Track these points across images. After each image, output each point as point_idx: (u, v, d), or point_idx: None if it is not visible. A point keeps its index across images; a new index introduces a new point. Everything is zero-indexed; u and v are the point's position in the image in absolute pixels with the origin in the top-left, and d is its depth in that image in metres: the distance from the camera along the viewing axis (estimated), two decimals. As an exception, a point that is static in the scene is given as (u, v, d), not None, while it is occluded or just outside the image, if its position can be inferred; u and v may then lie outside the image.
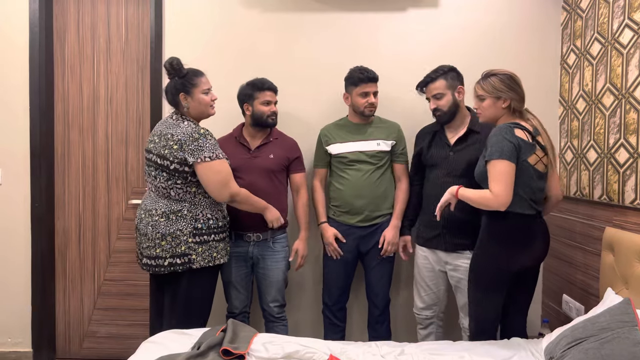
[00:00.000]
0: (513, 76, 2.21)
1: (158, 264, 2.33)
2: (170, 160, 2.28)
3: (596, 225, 2.47)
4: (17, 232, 3.17)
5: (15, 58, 3.11)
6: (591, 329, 1.77)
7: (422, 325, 2.77)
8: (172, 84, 2.39)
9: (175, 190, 2.32)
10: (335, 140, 2.81)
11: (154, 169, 2.35)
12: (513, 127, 2.12)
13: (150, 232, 2.33)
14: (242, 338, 2.07)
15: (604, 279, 2.24)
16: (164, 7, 3.10)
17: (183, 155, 2.26)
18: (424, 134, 2.75)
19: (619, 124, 2.39)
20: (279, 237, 2.72)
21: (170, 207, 2.33)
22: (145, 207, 2.39)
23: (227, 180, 2.35)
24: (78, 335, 3.30)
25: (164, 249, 2.31)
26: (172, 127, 2.33)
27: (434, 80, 2.56)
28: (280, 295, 2.74)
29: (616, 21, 2.44)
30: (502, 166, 2.07)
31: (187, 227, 2.32)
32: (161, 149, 2.30)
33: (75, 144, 3.25)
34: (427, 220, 2.63)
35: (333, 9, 3.08)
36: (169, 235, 2.30)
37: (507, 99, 2.19)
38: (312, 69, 3.08)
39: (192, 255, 2.32)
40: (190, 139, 2.27)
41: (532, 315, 3.03)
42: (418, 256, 2.73)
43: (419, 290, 2.73)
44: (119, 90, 3.24)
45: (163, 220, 2.32)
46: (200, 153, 2.26)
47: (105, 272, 3.28)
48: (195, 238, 2.33)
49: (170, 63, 2.34)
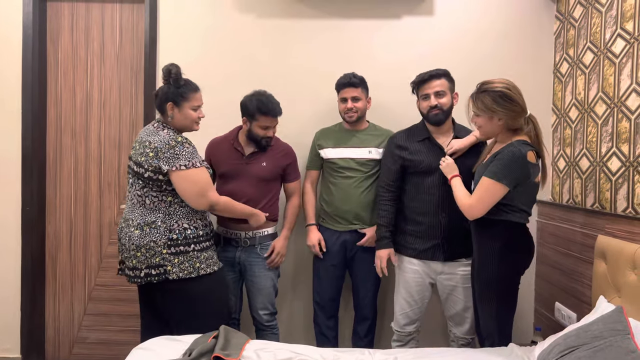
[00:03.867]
0: (506, 92, 2.10)
1: (135, 275, 2.30)
2: (145, 168, 2.23)
3: (588, 233, 2.48)
4: (7, 235, 3.13)
5: (8, 61, 3.10)
6: (584, 337, 1.77)
7: (402, 342, 2.66)
8: (165, 90, 2.32)
9: (150, 198, 2.27)
10: (327, 144, 2.82)
11: (131, 176, 2.32)
12: (526, 152, 2.07)
13: (127, 242, 2.29)
14: (234, 345, 2.06)
15: (597, 287, 2.25)
16: (159, 12, 3.10)
17: (158, 163, 2.20)
18: (408, 138, 2.61)
19: (611, 133, 2.40)
20: (266, 244, 2.69)
21: (144, 218, 2.27)
22: (125, 215, 2.36)
23: (204, 189, 2.28)
24: (68, 341, 3.27)
25: (139, 260, 2.27)
26: (152, 134, 2.28)
27: (439, 77, 2.50)
28: (270, 303, 2.72)
29: (609, 31, 2.46)
30: (494, 188, 2.09)
31: (161, 238, 2.25)
32: (138, 156, 2.26)
33: (68, 148, 3.23)
34: (421, 231, 2.54)
35: (328, 15, 3.08)
36: (143, 247, 2.26)
37: (501, 117, 2.13)
38: (307, 75, 3.08)
39: (167, 266, 2.26)
40: (167, 146, 2.21)
41: (525, 322, 3.04)
42: (406, 270, 2.60)
43: (403, 306, 2.62)
44: (112, 94, 3.22)
45: (137, 232, 2.27)
46: (175, 161, 2.21)
47: (96, 277, 3.25)
48: (170, 249, 2.26)
49: (169, 70, 2.29)
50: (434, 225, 2.51)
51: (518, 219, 2.18)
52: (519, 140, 2.13)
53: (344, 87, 2.74)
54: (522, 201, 2.17)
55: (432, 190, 2.51)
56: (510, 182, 2.07)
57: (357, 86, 2.71)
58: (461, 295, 2.53)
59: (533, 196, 2.23)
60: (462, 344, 2.60)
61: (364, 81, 2.75)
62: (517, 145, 2.10)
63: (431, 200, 2.51)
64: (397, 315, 2.65)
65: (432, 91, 2.50)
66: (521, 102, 2.14)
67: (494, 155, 2.16)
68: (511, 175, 2.07)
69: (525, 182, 2.12)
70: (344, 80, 2.73)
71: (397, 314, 2.66)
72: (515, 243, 2.20)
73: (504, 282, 2.21)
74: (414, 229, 2.57)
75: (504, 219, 2.16)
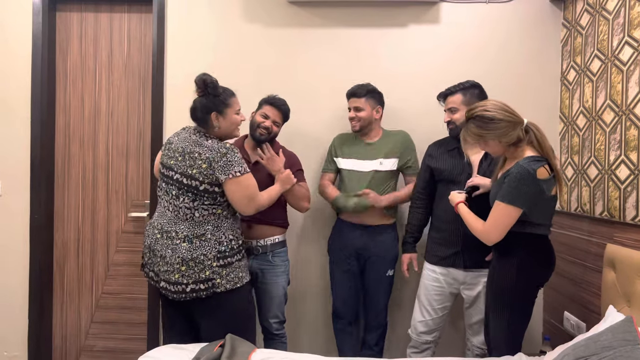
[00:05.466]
0: (485, 114, 2.06)
1: (178, 290, 2.21)
2: (200, 181, 2.20)
3: (597, 241, 2.46)
4: (16, 244, 3.15)
5: (18, 70, 3.13)
6: (593, 348, 1.75)
7: (418, 349, 2.65)
8: (204, 101, 2.28)
9: (200, 211, 2.22)
10: (340, 154, 2.84)
11: (175, 188, 2.24)
12: (536, 169, 2.01)
13: (170, 255, 2.21)
14: (240, 353, 2.05)
15: (606, 296, 2.22)
16: (166, 22, 3.12)
17: (213, 173, 2.19)
18: (439, 148, 2.66)
19: (620, 141, 2.39)
20: (278, 251, 2.70)
21: (192, 230, 2.21)
22: (161, 226, 2.27)
23: (254, 193, 2.29)
24: (75, 349, 3.28)
25: (184, 274, 2.19)
26: (196, 145, 2.24)
27: (452, 94, 2.53)
28: (280, 311, 2.72)
29: (616, 38, 2.45)
30: (507, 211, 2.05)
31: (211, 251, 2.21)
32: (188, 169, 2.21)
33: (76, 156, 3.26)
34: (443, 238, 2.56)
35: (334, 24, 3.10)
36: (191, 260, 2.19)
37: (492, 139, 2.10)
38: (313, 84, 3.09)
39: (217, 279, 2.21)
40: (219, 154, 2.19)
41: (533, 332, 3.02)
42: (426, 277, 2.62)
43: (423, 313, 2.61)
44: (120, 103, 3.25)
45: (185, 244, 2.20)
46: (230, 169, 2.19)
47: (103, 285, 3.26)
48: (219, 262, 2.22)
49: (204, 80, 2.25)
50: (455, 233, 2.51)
51: (538, 230, 2.15)
52: (527, 158, 2.06)
53: (349, 97, 2.79)
54: (538, 217, 2.12)
55: None
56: (524, 203, 2.04)
57: (360, 96, 2.73)
58: (482, 305, 2.50)
59: (550, 209, 2.17)
60: (477, 354, 2.58)
61: (371, 91, 2.75)
62: (524, 165, 2.02)
63: (452, 209, 2.50)
64: (416, 322, 2.64)
65: (446, 107, 2.55)
66: (506, 117, 2.06)
67: (504, 176, 2.12)
68: (523, 197, 2.03)
69: (540, 199, 2.07)
70: (350, 90, 2.78)
71: (415, 320, 2.65)
72: (535, 255, 2.17)
73: (520, 294, 2.17)
74: (437, 236, 2.61)
75: (525, 231, 2.12)
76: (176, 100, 3.11)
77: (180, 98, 3.10)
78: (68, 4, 3.23)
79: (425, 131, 2.80)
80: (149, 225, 2.35)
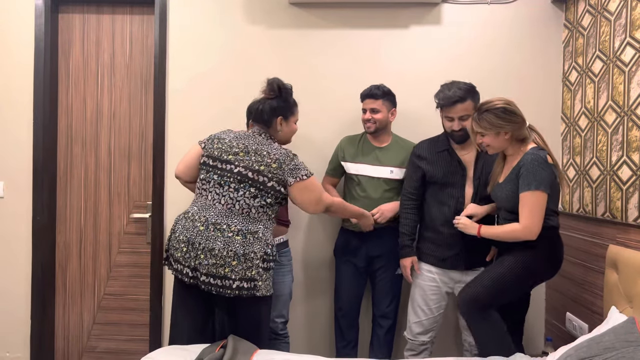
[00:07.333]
0: (507, 107, 2.19)
1: (224, 285, 2.17)
2: (269, 177, 2.22)
3: (599, 242, 2.46)
4: (18, 245, 3.16)
5: (20, 72, 3.13)
6: (596, 349, 1.75)
7: (415, 351, 2.64)
8: (274, 105, 2.33)
9: (257, 209, 2.23)
10: (348, 157, 2.82)
11: (235, 181, 2.23)
12: (545, 155, 2.16)
13: (220, 248, 2.17)
14: (242, 354, 2.05)
15: (608, 297, 2.22)
16: (169, 23, 3.13)
17: (283, 175, 2.23)
18: (428, 150, 2.63)
19: (622, 142, 2.39)
20: (283, 251, 2.70)
21: (247, 226, 2.21)
22: (205, 219, 2.22)
23: (320, 194, 2.33)
24: (77, 351, 3.28)
25: (234, 269, 2.15)
26: (264, 144, 2.28)
27: (463, 101, 2.44)
28: (285, 311, 2.72)
29: (618, 39, 2.45)
30: (538, 198, 2.12)
31: (260, 250, 2.19)
32: (254, 164, 2.23)
33: (78, 158, 3.26)
34: (441, 240, 2.55)
35: (335, 25, 3.10)
36: (243, 256, 2.16)
37: (508, 131, 2.21)
38: (315, 85, 3.09)
39: (259, 281, 2.18)
40: (288, 158, 2.25)
41: (536, 333, 3.01)
42: (423, 278, 2.60)
43: (419, 314, 2.60)
44: (122, 104, 3.25)
45: (239, 238, 2.18)
46: (298, 172, 2.25)
47: (105, 287, 3.27)
48: (264, 263, 2.20)
49: (279, 85, 2.33)
50: (456, 234, 2.48)
51: (552, 222, 2.23)
52: (533, 148, 2.21)
53: (364, 98, 2.76)
54: (553, 204, 2.22)
55: (450, 202, 2.51)
56: (547, 187, 2.13)
57: (377, 98, 2.72)
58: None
59: (558, 196, 2.30)
60: (475, 354, 2.57)
61: (387, 93, 2.74)
62: (534, 152, 2.17)
63: (450, 211, 2.50)
64: (411, 324, 2.64)
65: (457, 115, 2.47)
66: (520, 114, 2.23)
67: (515, 170, 2.19)
68: (545, 180, 2.12)
69: (554, 184, 2.19)
70: (366, 91, 2.75)
71: (411, 322, 2.64)
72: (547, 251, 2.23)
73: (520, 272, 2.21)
74: (435, 237, 2.58)
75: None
76: (178, 101, 3.12)
77: (182, 99, 3.12)
78: (70, 5, 3.24)
79: (426, 132, 2.79)
80: (185, 219, 2.28)
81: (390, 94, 2.76)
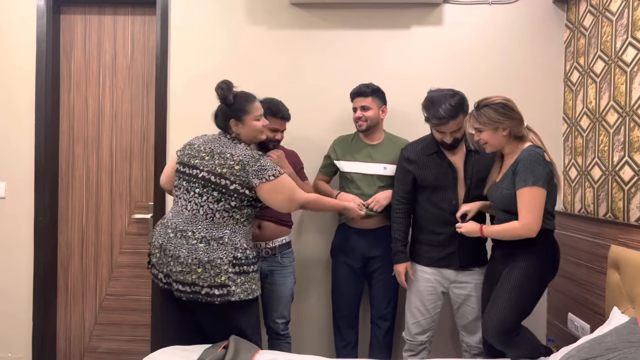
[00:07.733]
0: (506, 103, 2.18)
1: (194, 291, 2.15)
2: (231, 180, 2.17)
3: (601, 243, 2.45)
4: (20, 246, 3.16)
5: (22, 72, 3.14)
6: (597, 349, 1.74)
7: (414, 351, 2.63)
8: (223, 108, 2.30)
9: (222, 213, 2.19)
10: (342, 156, 2.82)
11: (200, 186, 2.21)
12: (542, 152, 2.15)
13: (185, 255, 2.15)
14: (243, 355, 2.05)
15: (610, 297, 2.22)
16: (170, 24, 3.13)
17: (247, 177, 2.17)
18: (417, 153, 2.59)
19: (623, 142, 2.38)
20: (286, 252, 2.70)
21: (210, 232, 2.17)
22: (175, 226, 2.22)
23: (292, 193, 2.26)
24: (79, 351, 3.28)
25: (200, 276, 2.13)
26: (229, 146, 2.24)
27: (455, 118, 2.39)
28: (286, 311, 2.72)
29: (619, 39, 2.45)
30: (536, 194, 2.10)
31: (227, 256, 2.15)
32: (217, 167, 2.19)
33: (80, 158, 3.27)
34: (437, 241, 2.54)
35: (338, 26, 3.10)
36: (208, 263, 2.13)
37: (506, 127, 2.19)
38: (316, 85, 3.09)
39: (232, 286, 2.14)
40: (253, 159, 2.19)
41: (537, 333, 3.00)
42: (418, 279, 2.59)
43: (416, 315, 2.60)
44: (124, 105, 3.26)
45: (202, 245, 2.15)
46: (264, 173, 2.18)
47: (107, 287, 3.27)
48: (235, 268, 2.15)
49: (221, 88, 2.26)
50: (452, 235, 2.48)
51: (548, 225, 2.20)
52: (530, 146, 2.20)
53: (354, 96, 2.76)
54: (549, 205, 2.18)
55: (443, 205, 2.51)
56: (544, 183, 2.11)
57: (367, 95, 2.72)
58: (474, 304, 2.52)
59: (555, 198, 2.25)
60: (475, 354, 2.57)
61: (376, 91, 2.74)
62: (531, 149, 2.16)
63: (443, 213, 2.50)
64: (409, 325, 2.63)
65: (449, 131, 2.44)
66: (519, 111, 2.22)
67: (512, 168, 2.18)
68: (542, 177, 2.10)
69: (551, 183, 2.17)
70: (355, 89, 2.76)
71: (408, 323, 2.64)
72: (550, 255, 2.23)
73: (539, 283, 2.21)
74: (430, 239, 2.56)
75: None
76: (179, 102, 3.13)
77: (184, 100, 3.12)
78: (72, 6, 3.25)
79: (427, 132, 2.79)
80: (161, 225, 2.30)
81: (379, 91, 2.76)
